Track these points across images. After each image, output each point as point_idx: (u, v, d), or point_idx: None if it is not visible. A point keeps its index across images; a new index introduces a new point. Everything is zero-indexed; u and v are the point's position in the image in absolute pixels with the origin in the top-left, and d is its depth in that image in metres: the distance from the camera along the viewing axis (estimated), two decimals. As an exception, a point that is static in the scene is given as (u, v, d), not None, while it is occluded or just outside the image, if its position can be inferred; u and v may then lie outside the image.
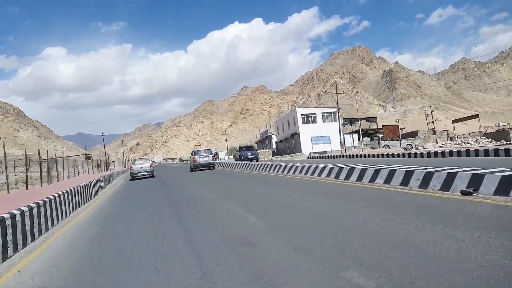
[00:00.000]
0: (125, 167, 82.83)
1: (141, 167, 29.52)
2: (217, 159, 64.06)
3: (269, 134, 74.90)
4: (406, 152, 29.43)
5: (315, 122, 58.95)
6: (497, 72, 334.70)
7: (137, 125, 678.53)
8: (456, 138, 49.47)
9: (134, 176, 29.25)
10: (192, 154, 35.05)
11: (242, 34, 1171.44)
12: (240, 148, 44.66)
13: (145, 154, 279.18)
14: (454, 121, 63.60)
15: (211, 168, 33.31)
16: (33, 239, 7.18)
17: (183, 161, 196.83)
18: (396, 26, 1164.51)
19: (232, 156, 79.49)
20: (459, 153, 23.63)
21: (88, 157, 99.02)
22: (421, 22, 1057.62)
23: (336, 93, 54.58)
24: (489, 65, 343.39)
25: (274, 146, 71.43)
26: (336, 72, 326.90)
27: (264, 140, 79.84)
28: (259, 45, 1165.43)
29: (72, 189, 11.61)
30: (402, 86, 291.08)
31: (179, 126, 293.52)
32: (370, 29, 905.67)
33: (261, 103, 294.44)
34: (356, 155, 36.73)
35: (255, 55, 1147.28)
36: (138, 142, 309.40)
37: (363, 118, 59.05)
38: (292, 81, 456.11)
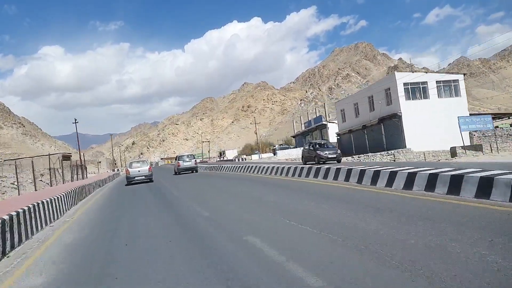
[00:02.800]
0: (113, 170, 58.35)
1: (138, 171, 24.39)
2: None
3: (323, 122, 50.06)
4: None
5: (425, 97, 34.49)
6: (503, 69, 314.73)
7: (133, 125, 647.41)
8: None
9: (130, 181, 24.15)
10: (176, 159, 37.04)
11: (241, 33, 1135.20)
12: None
13: (141, 153, 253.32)
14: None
15: (194, 171, 33.78)
16: None
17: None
18: (394, 25, 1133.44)
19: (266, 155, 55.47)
20: None
21: (67, 157, 73.54)
22: (418, 22, 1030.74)
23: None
24: (495, 62, 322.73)
25: (334, 139, 46.95)
26: (339, 68, 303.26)
27: (311, 132, 55.24)
28: (258, 44, 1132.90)
29: None
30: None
31: (177, 124, 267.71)
32: (367, 29, 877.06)
33: (263, 99, 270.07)
34: None
35: (253, 54, 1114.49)
36: (133, 141, 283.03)
37: None
38: (289, 79, 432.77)
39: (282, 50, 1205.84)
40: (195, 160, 35.18)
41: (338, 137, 45.53)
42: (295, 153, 48.04)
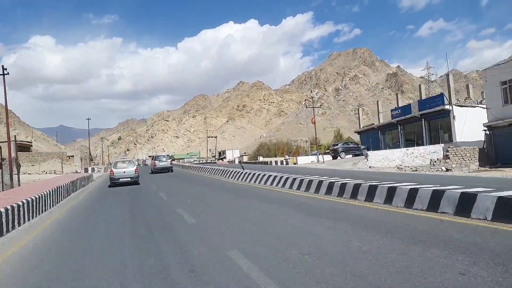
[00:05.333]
0: (86, 170, 37.56)
1: (124, 172, 21.26)
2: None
3: (445, 107, 29.16)
4: None
5: None
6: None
7: (120, 120, 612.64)
8: None
9: (115, 182, 20.84)
10: (153, 158, 38.17)
11: (236, 34, 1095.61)
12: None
13: (127, 150, 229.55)
14: None
15: (170, 171, 33.76)
16: None
17: (174, 160, 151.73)
18: (387, 35, 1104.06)
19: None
20: None
21: (25, 147, 51.37)
22: (411, 33, 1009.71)
23: None
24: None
25: (471, 136, 26.25)
26: (337, 73, 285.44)
27: (403, 125, 34.61)
28: (252, 46, 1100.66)
29: None
30: (409, 90, 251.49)
31: (167, 120, 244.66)
32: (361, 37, 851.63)
33: (259, 100, 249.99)
34: None
35: (247, 56, 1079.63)
36: (120, 136, 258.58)
37: None
38: (282, 83, 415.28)
39: (277, 54, 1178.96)
40: (171, 161, 35.79)
41: (488, 132, 25.08)
42: (398, 157, 27.22)
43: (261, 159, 61.70)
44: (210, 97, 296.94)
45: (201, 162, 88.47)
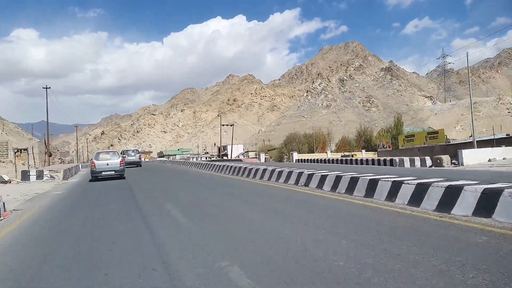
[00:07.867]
0: (29, 174, 20.10)
1: (107, 164, 18.56)
2: None
3: None
4: None
5: None
6: (493, 79, 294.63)
7: (103, 116, 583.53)
8: None
9: (97, 176, 18.34)
10: (121, 153, 36.45)
11: (223, 30, 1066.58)
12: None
13: (111, 145, 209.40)
14: None
15: (139, 166, 35.19)
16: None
17: (163, 156, 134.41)
18: (374, 33, 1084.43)
19: None
20: None
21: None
22: (397, 31, 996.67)
23: None
24: (484, 72, 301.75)
25: None
26: (330, 66, 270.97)
27: None
28: (239, 42, 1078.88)
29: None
30: (406, 85, 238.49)
31: (154, 114, 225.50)
32: (347, 34, 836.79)
33: (251, 93, 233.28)
34: None
35: (233, 52, 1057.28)
36: (103, 131, 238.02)
37: None
38: (268, 80, 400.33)
39: (263, 50, 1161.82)
40: (139, 155, 36.73)
41: None
42: None
43: (296, 155, 45.36)
44: (198, 91, 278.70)
45: (212, 159, 70.64)
